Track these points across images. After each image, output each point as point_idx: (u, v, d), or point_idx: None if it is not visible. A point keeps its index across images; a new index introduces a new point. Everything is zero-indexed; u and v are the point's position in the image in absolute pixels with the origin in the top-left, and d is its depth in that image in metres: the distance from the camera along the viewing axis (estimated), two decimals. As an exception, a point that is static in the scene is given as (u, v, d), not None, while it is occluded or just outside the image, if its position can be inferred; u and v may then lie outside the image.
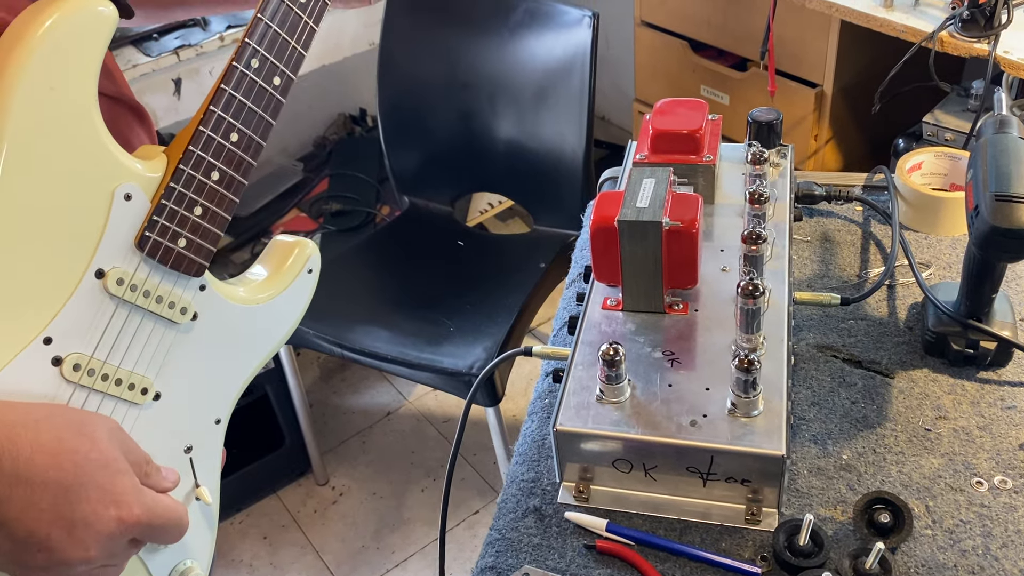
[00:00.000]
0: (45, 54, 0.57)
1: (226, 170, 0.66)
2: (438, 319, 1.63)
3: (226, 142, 0.66)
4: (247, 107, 0.66)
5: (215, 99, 0.64)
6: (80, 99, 0.59)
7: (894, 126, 1.56)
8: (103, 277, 0.62)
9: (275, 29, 0.66)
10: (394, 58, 1.82)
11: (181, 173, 0.64)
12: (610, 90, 2.62)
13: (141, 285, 0.64)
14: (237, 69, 0.65)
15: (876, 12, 1.41)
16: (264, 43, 0.66)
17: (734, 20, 1.74)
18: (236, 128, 0.66)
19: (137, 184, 0.62)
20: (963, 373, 0.79)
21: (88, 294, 0.61)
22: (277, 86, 0.68)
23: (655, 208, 0.76)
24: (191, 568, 0.73)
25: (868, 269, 0.91)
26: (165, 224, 0.64)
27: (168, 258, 0.65)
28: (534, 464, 0.77)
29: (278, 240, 0.78)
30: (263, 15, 0.66)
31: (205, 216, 0.66)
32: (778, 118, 0.95)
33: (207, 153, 0.65)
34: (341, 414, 2.15)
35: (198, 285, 0.68)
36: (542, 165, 1.75)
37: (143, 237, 0.63)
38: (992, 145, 0.74)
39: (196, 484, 0.72)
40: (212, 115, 0.64)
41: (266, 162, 2.50)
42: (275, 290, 0.75)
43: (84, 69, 0.59)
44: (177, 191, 0.64)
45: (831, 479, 0.71)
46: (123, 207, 0.62)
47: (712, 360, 0.73)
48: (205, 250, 0.67)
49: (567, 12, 1.64)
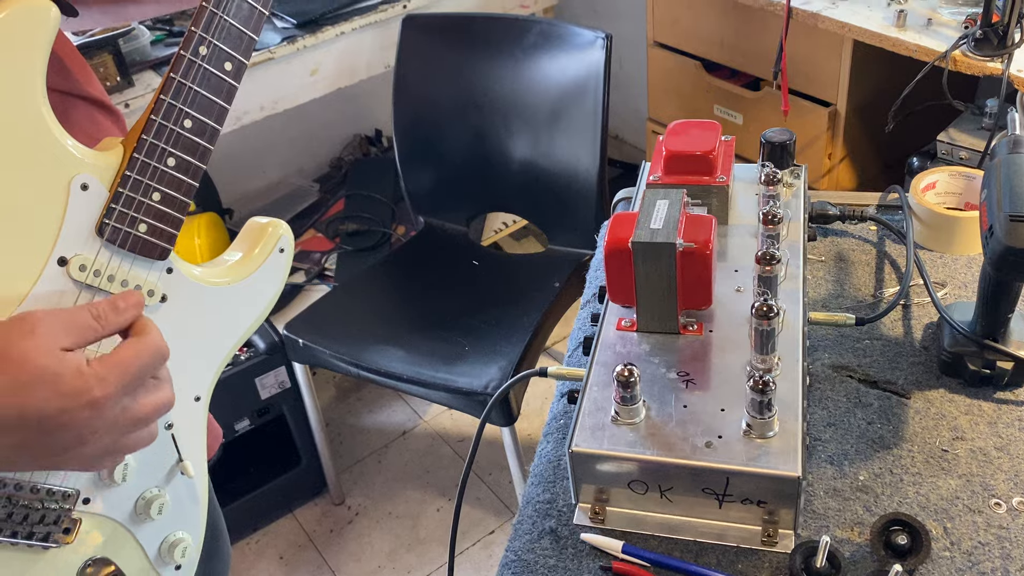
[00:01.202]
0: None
1: (182, 156, 0.68)
2: (453, 338, 1.64)
3: (179, 129, 0.68)
4: (198, 94, 0.68)
5: (164, 88, 0.66)
6: (27, 95, 0.62)
7: (908, 144, 1.56)
8: (66, 264, 0.64)
9: (222, 16, 0.68)
10: (409, 80, 1.84)
11: (135, 161, 0.66)
12: (623, 110, 2.63)
13: (104, 270, 0.66)
14: (185, 57, 0.67)
15: (888, 32, 1.41)
16: (212, 30, 0.68)
17: (746, 40, 1.75)
18: (189, 115, 0.68)
19: (93, 174, 0.65)
20: (980, 393, 0.78)
21: (52, 281, 0.64)
22: (228, 71, 0.69)
23: (669, 229, 0.77)
24: (181, 539, 0.75)
25: (883, 289, 0.91)
26: (123, 211, 0.66)
27: (128, 243, 0.67)
28: (550, 485, 0.77)
29: (251, 221, 0.79)
30: (208, 3, 0.67)
31: (164, 201, 0.68)
32: (791, 139, 0.96)
33: (160, 140, 0.67)
34: (357, 433, 2.16)
35: (164, 268, 0.70)
36: (556, 185, 1.76)
37: (102, 224, 0.65)
38: (1006, 165, 0.74)
39: (180, 459, 0.74)
40: (162, 103, 0.66)
41: (282, 183, 2.52)
42: (247, 270, 0.76)
43: (29, 67, 0.61)
44: (132, 179, 0.66)
45: (848, 500, 0.71)
46: (80, 196, 0.64)
47: (727, 381, 0.73)
48: (167, 234, 0.69)
49: (580, 34, 1.66)
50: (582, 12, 2.60)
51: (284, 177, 2.54)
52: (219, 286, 0.75)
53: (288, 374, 1.81)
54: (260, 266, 0.77)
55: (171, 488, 0.74)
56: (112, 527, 0.71)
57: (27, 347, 0.57)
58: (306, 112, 2.05)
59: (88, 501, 0.68)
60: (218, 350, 0.77)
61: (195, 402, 0.76)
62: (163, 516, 0.73)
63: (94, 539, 0.70)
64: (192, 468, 0.75)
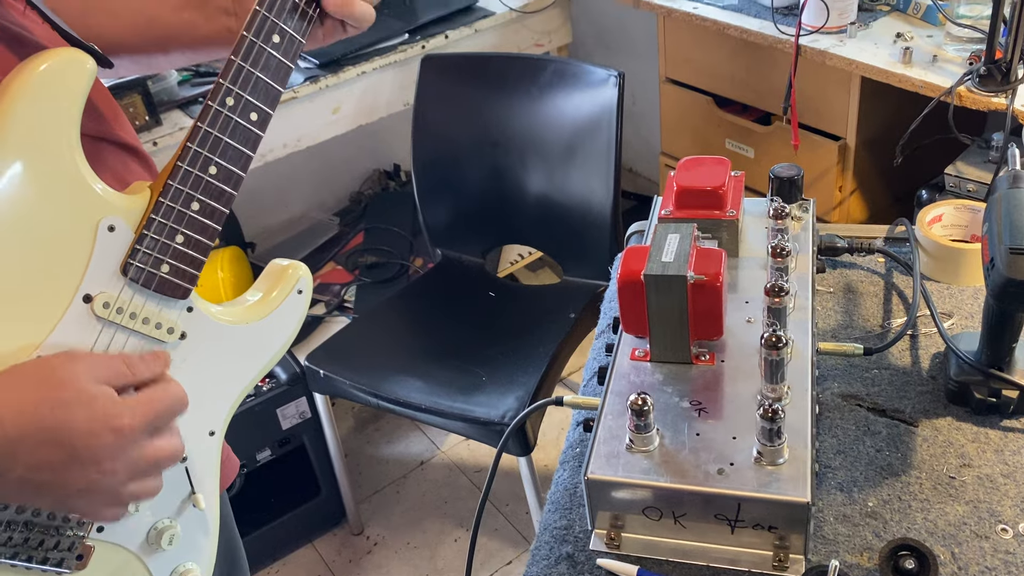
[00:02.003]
0: (28, 105, 0.63)
1: (206, 201, 0.71)
2: (470, 369, 1.67)
3: (204, 175, 0.70)
4: (224, 142, 0.71)
5: (192, 136, 0.69)
6: (62, 142, 0.65)
7: (918, 177, 1.59)
8: (91, 301, 0.67)
9: (248, 69, 0.71)
10: (427, 117, 1.89)
11: (161, 205, 0.69)
12: (637, 143, 2.67)
13: (127, 308, 0.69)
14: (212, 108, 0.70)
15: (895, 68, 1.45)
16: (238, 82, 0.70)
17: (756, 76, 1.79)
18: (214, 161, 0.70)
19: (120, 216, 0.68)
20: (986, 421, 0.80)
21: (77, 317, 0.67)
22: (254, 121, 0.72)
23: (680, 263, 0.80)
24: (191, 570, 0.77)
25: (891, 319, 0.94)
26: (147, 252, 0.69)
27: (152, 282, 0.70)
28: (566, 512, 0.79)
29: (273, 263, 0.82)
30: (236, 56, 0.70)
31: (187, 244, 0.71)
32: (799, 174, 0.99)
33: (186, 185, 0.70)
34: (375, 464, 2.18)
35: (185, 307, 0.73)
36: (571, 217, 1.79)
37: (127, 264, 0.68)
38: (1006, 200, 0.77)
39: (192, 491, 0.77)
40: (189, 150, 0.69)
41: (303, 217, 2.58)
42: (266, 310, 0.79)
43: (65, 115, 0.65)
44: (157, 221, 0.69)
45: (857, 526, 0.72)
46: (107, 237, 0.67)
47: (738, 409, 0.76)
48: (189, 274, 0.72)
49: (594, 72, 1.70)
50: (596, 50, 2.66)
51: (305, 211, 2.59)
52: (238, 325, 0.77)
53: (309, 404, 1.84)
54: (278, 307, 0.80)
55: (183, 520, 0.76)
56: (124, 556, 0.73)
57: (71, 370, 0.61)
58: (327, 148, 2.10)
59: (102, 529, 0.70)
60: (234, 387, 0.79)
61: (209, 436, 0.78)
62: (174, 547, 0.75)
63: (106, 567, 0.71)
64: (204, 501, 0.77)
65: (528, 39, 2.19)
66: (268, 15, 0.71)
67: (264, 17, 0.71)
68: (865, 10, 1.64)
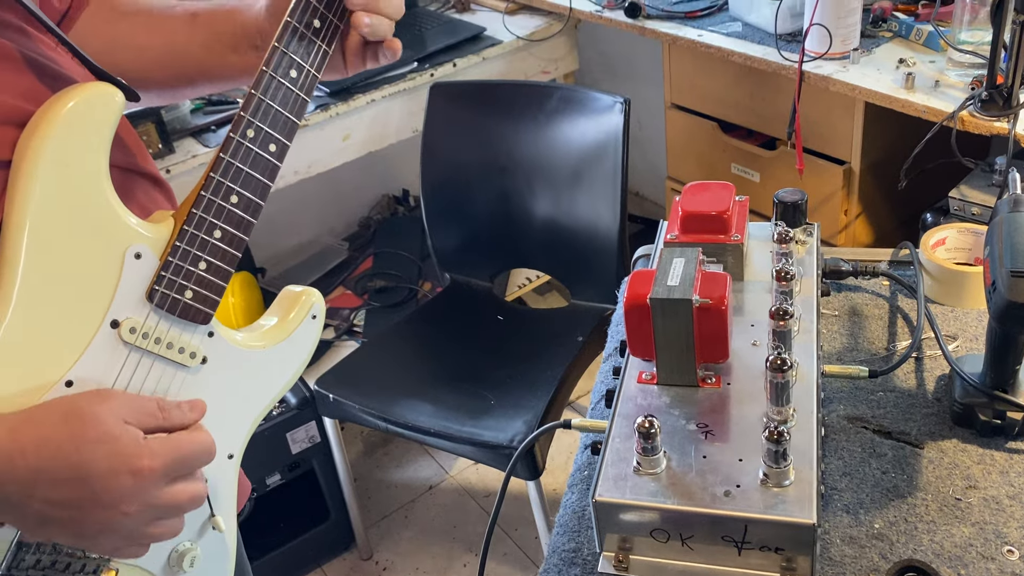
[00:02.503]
0: (60, 137, 0.66)
1: (227, 228, 0.73)
2: (479, 392, 1.67)
3: (226, 204, 0.73)
4: (245, 172, 0.73)
5: (215, 166, 0.72)
6: (92, 172, 0.68)
7: (923, 200, 1.60)
8: (118, 327, 0.69)
9: (268, 103, 0.73)
10: (436, 143, 1.92)
11: (185, 233, 0.71)
12: (644, 168, 2.69)
13: (152, 333, 0.71)
14: (234, 139, 0.72)
15: (897, 94, 1.46)
16: (258, 115, 0.73)
17: (761, 102, 1.81)
18: (235, 191, 0.73)
19: (146, 244, 0.70)
20: (992, 443, 0.81)
21: (105, 342, 0.68)
22: (273, 152, 0.75)
23: (685, 286, 0.81)
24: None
25: (896, 342, 0.94)
26: (172, 278, 0.71)
27: (176, 308, 0.72)
28: (575, 535, 0.80)
29: (287, 290, 0.84)
30: (256, 91, 0.73)
31: (209, 270, 0.73)
32: (803, 198, 1.00)
33: (208, 214, 0.72)
34: (384, 488, 2.18)
35: (206, 332, 0.75)
36: (578, 241, 1.81)
37: (152, 290, 0.70)
38: (1007, 223, 0.78)
39: (212, 514, 0.78)
40: (212, 180, 0.72)
41: (313, 242, 2.60)
42: (281, 335, 0.81)
43: (95, 147, 0.68)
44: (182, 249, 0.71)
45: (863, 548, 0.73)
46: (134, 265, 0.69)
47: (745, 432, 0.76)
48: (210, 300, 0.74)
49: (600, 99, 1.72)
50: (602, 77, 2.69)
51: (315, 237, 2.61)
52: (256, 349, 0.79)
53: (318, 429, 1.85)
54: (294, 331, 0.82)
55: (203, 542, 0.77)
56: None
57: (98, 410, 0.62)
58: (337, 174, 2.13)
59: None
60: (252, 410, 0.81)
61: (228, 459, 0.80)
62: (194, 569, 0.76)
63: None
64: (223, 523, 0.78)
65: (535, 67, 2.23)
66: (286, 51, 0.73)
67: (283, 53, 0.73)
68: (868, 36, 1.66)
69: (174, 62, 0.85)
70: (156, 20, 0.86)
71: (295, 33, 0.74)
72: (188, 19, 0.85)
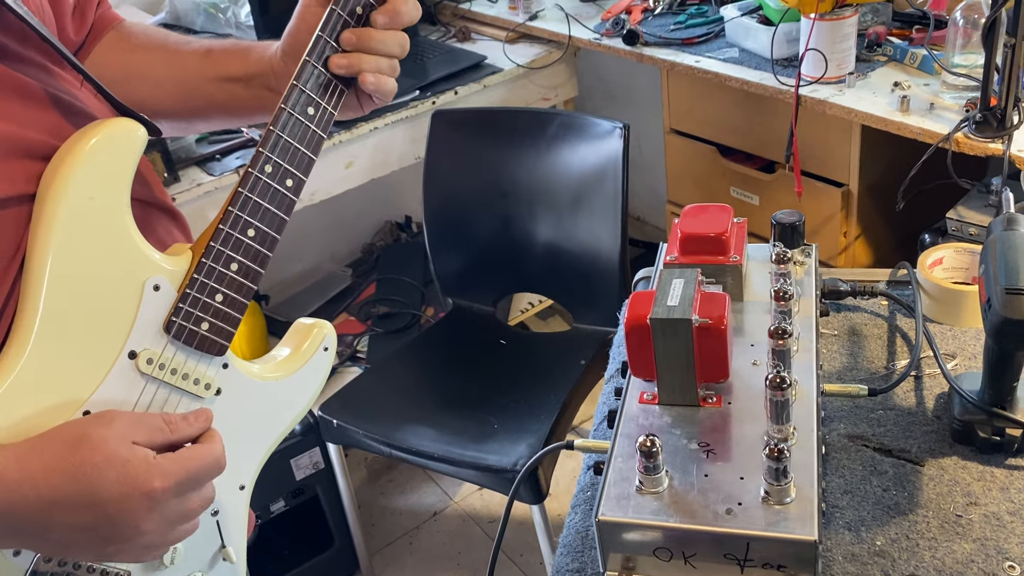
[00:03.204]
0: (85, 171, 0.67)
1: (244, 261, 0.75)
2: (482, 417, 1.68)
3: (244, 237, 0.74)
4: (262, 206, 0.75)
5: (233, 200, 0.73)
6: (115, 206, 0.69)
7: (921, 222, 1.61)
8: (135, 357, 0.70)
9: (286, 139, 0.75)
10: (438, 170, 1.94)
11: (203, 265, 0.72)
12: (644, 192, 2.71)
13: (168, 364, 0.72)
14: (252, 174, 0.74)
15: (893, 116, 1.48)
16: (276, 151, 0.74)
17: (759, 126, 1.83)
18: (253, 225, 0.74)
19: (165, 276, 0.71)
20: (992, 460, 0.81)
21: (122, 372, 0.69)
22: (290, 187, 0.76)
23: (685, 306, 0.82)
24: None
25: (895, 361, 0.95)
26: (189, 310, 0.72)
27: (193, 340, 0.73)
28: (578, 555, 0.80)
29: (299, 322, 0.86)
30: (274, 127, 0.74)
31: (225, 302, 0.74)
32: (800, 219, 1.01)
33: (226, 247, 0.73)
34: (388, 515, 2.18)
35: (221, 363, 0.76)
36: (580, 265, 1.82)
37: (170, 322, 0.71)
38: (1001, 241, 0.79)
39: (223, 545, 0.78)
40: (230, 214, 0.73)
41: (316, 269, 2.62)
42: (294, 367, 0.82)
43: (118, 181, 0.69)
44: (199, 281, 0.72)
45: (865, 565, 0.73)
46: (152, 296, 0.70)
47: (746, 450, 0.77)
48: (226, 332, 0.75)
49: (599, 124, 1.75)
50: (603, 104, 2.72)
51: (318, 263, 2.63)
52: (269, 381, 0.80)
53: (322, 455, 1.85)
54: (306, 363, 0.83)
55: (214, 572, 0.78)
56: None
57: (104, 434, 0.63)
58: (339, 201, 2.15)
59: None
60: (264, 441, 0.82)
61: (240, 491, 0.80)
62: None
63: None
64: (234, 554, 0.79)
65: (535, 94, 2.25)
66: (304, 89, 0.75)
67: (300, 91, 0.75)
68: (863, 61, 1.68)
69: (187, 96, 0.87)
70: (171, 55, 0.87)
71: (313, 72, 0.75)
72: (202, 54, 0.86)
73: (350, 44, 0.76)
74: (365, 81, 0.77)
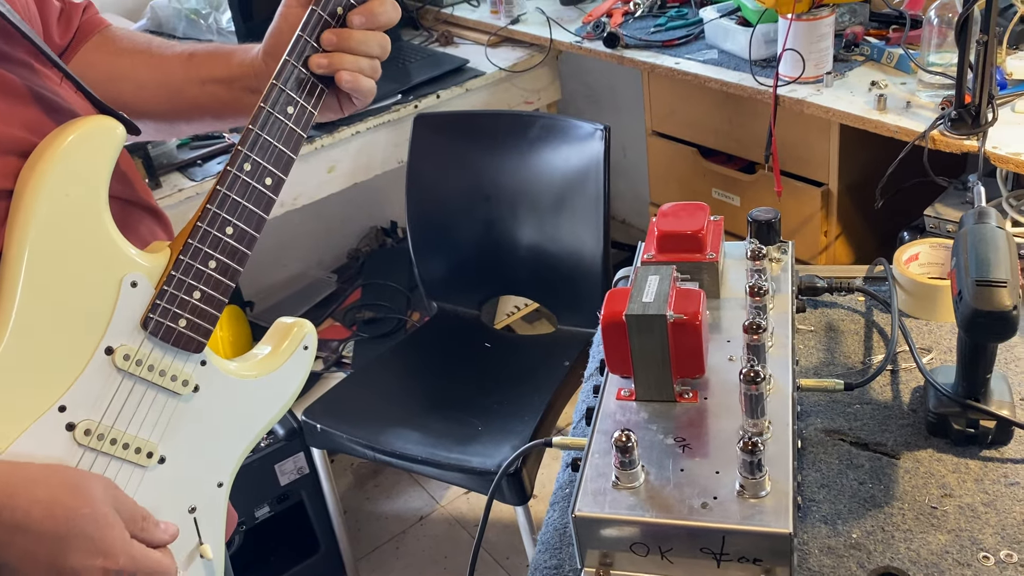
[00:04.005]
0: (62, 167, 0.67)
1: (222, 259, 0.75)
2: (467, 419, 1.68)
3: (222, 235, 0.74)
4: (241, 205, 0.75)
5: (211, 198, 0.73)
6: (92, 202, 0.69)
7: (900, 219, 1.62)
8: (112, 353, 0.70)
9: (265, 137, 0.75)
10: (421, 174, 1.94)
11: (181, 262, 0.73)
12: (627, 195, 2.72)
13: (145, 360, 0.72)
14: (231, 172, 0.74)
15: (870, 115, 1.49)
16: (255, 149, 0.75)
17: (739, 128, 1.84)
18: (231, 223, 0.74)
19: (142, 273, 0.71)
20: (966, 452, 0.82)
21: (99, 368, 0.69)
22: (268, 185, 0.76)
23: (660, 302, 0.82)
24: None
25: (871, 356, 0.96)
26: (166, 307, 0.72)
27: (170, 337, 0.73)
28: (556, 552, 0.80)
29: (279, 321, 0.86)
30: (254, 126, 0.75)
31: (203, 299, 0.74)
32: (776, 216, 1.02)
33: (204, 245, 0.73)
34: (374, 520, 2.17)
35: (199, 360, 0.76)
36: (563, 268, 1.82)
37: (147, 318, 0.71)
38: (972, 234, 0.80)
39: (200, 542, 0.78)
40: (208, 212, 0.73)
41: (301, 275, 2.61)
42: (273, 365, 0.82)
43: (95, 178, 0.69)
44: (177, 278, 0.72)
45: (841, 558, 0.73)
46: (130, 293, 0.70)
47: (721, 445, 0.77)
48: (203, 329, 0.75)
49: (580, 126, 1.75)
50: (585, 107, 2.73)
51: (303, 269, 2.62)
52: (247, 379, 0.80)
53: (307, 460, 1.84)
54: (286, 361, 0.83)
55: (191, 570, 0.78)
56: None
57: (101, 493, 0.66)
58: (324, 206, 2.14)
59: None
60: (242, 439, 0.81)
61: (217, 488, 0.80)
62: None
63: None
64: (211, 551, 0.79)
65: (518, 97, 2.26)
66: (284, 88, 0.75)
67: (280, 90, 0.75)
68: (840, 60, 1.70)
69: (170, 98, 0.87)
70: (155, 58, 0.88)
71: (292, 72, 0.76)
72: (185, 58, 0.87)
73: (330, 44, 0.77)
74: (341, 79, 0.77)
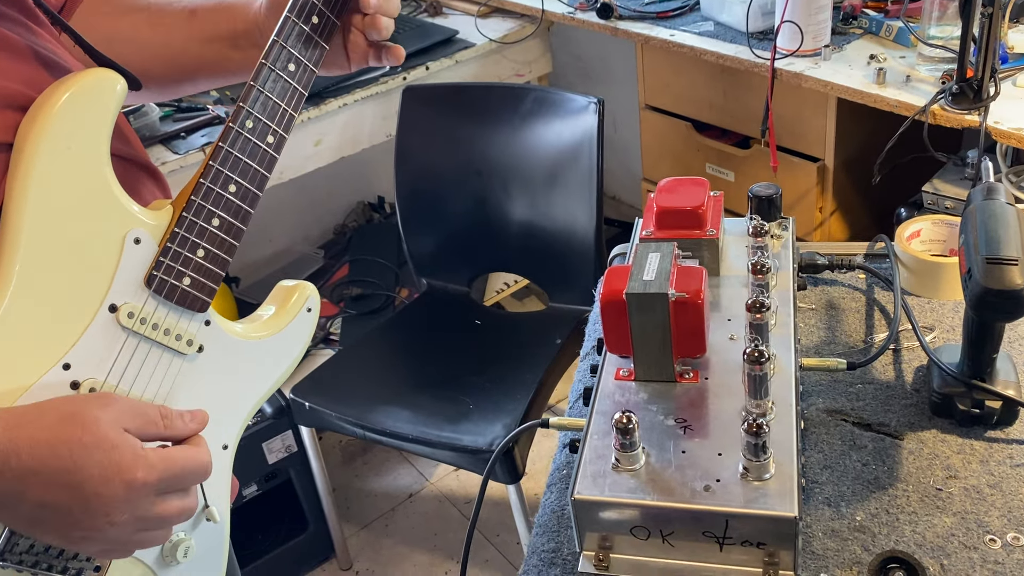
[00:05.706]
0: (63, 121, 0.65)
1: (225, 217, 0.74)
2: (457, 397, 1.66)
3: (225, 192, 0.74)
4: (243, 162, 0.74)
5: (214, 155, 0.73)
6: (93, 156, 0.67)
7: (897, 196, 1.60)
8: (116, 311, 0.69)
9: (266, 94, 0.75)
10: (410, 148, 1.90)
11: (184, 219, 0.72)
12: (620, 171, 2.69)
13: (150, 319, 0.71)
14: (232, 129, 0.73)
15: (869, 89, 1.47)
16: (256, 106, 0.74)
17: (734, 101, 1.81)
18: (234, 180, 0.74)
19: (145, 230, 0.70)
20: (971, 433, 0.80)
21: (103, 326, 0.68)
22: (271, 143, 0.76)
23: (661, 280, 0.80)
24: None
25: (873, 334, 0.94)
26: (170, 264, 0.71)
27: (174, 295, 0.72)
28: (554, 535, 0.78)
29: (281, 284, 0.85)
30: (255, 82, 0.74)
31: (207, 258, 0.73)
32: (777, 192, 1.00)
33: (207, 202, 0.73)
34: (364, 497, 2.16)
35: (203, 320, 0.75)
36: (555, 244, 1.80)
37: (151, 276, 0.70)
38: (981, 211, 0.78)
39: (206, 504, 0.78)
40: (211, 169, 0.72)
41: (288, 250, 2.58)
42: (278, 326, 0.82)
43: (97, 131, 0.68)
44: (180, 235, 0.72)
45: (846, 540, 0.72)
46: (133, 250, 0.69)
47: (724, 426, 0.75)
48: (208, 288, 0.74)
49: (574, 100, 1.72)
50: (577, 80, 2.69)
51: (290, 245, 2.59)
52: (252, 340, 0.80)
53: (295, 438, 1.82)
54: (290, 323, 0.82)
55: (197, 533, 0.77)
56: (140, 569, 0.74)
57: (99, 415, 0.62)
58: (310, 181, 2.11)
59: None
60: (247, 401, 0.81)
61: (223, 450, 0.80)
62: (188, 560, 0.76)
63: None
64: (217, 514, 0.78)
65: (509, 69, 2.22)
66: (284, 45, 0.75)
67: (281, 47, 0.75)
68: (838, 33, 1.67)
69: (174, 58, 0.86)
70: (155, 16, 0.86)
71: (294, 28, 0.75)
72: (187, 15, 0.85)
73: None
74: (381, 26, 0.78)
